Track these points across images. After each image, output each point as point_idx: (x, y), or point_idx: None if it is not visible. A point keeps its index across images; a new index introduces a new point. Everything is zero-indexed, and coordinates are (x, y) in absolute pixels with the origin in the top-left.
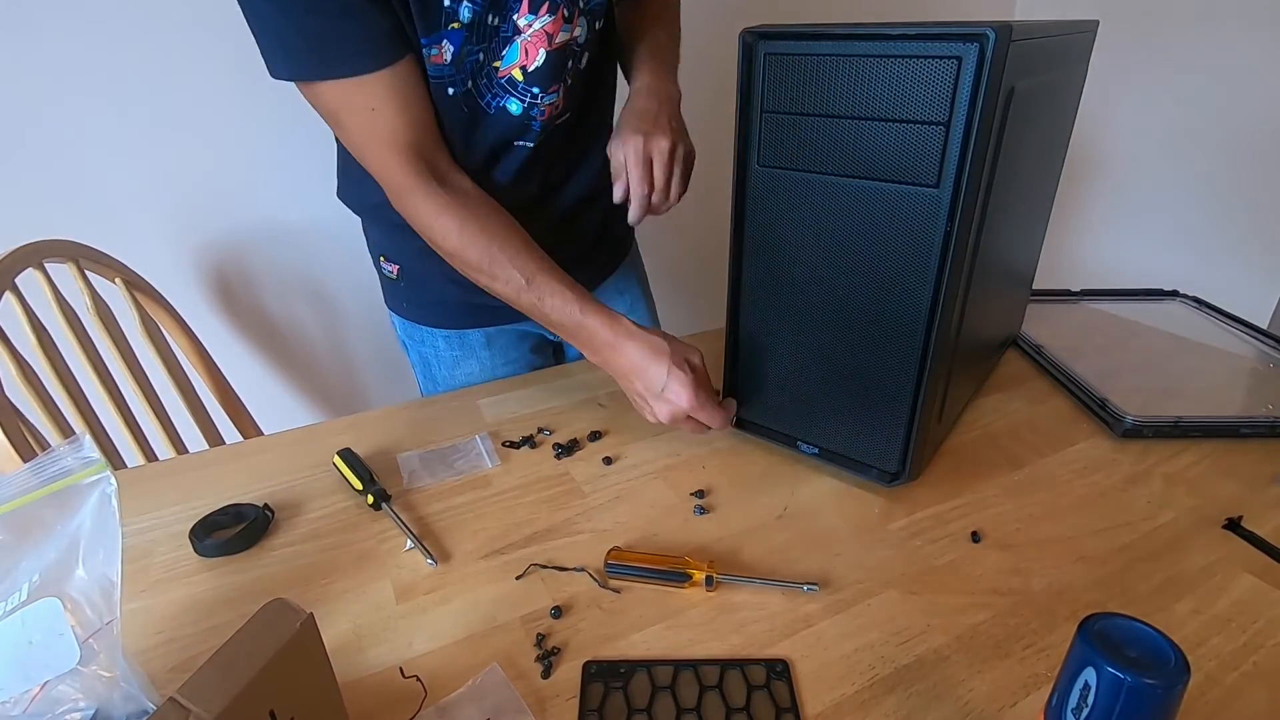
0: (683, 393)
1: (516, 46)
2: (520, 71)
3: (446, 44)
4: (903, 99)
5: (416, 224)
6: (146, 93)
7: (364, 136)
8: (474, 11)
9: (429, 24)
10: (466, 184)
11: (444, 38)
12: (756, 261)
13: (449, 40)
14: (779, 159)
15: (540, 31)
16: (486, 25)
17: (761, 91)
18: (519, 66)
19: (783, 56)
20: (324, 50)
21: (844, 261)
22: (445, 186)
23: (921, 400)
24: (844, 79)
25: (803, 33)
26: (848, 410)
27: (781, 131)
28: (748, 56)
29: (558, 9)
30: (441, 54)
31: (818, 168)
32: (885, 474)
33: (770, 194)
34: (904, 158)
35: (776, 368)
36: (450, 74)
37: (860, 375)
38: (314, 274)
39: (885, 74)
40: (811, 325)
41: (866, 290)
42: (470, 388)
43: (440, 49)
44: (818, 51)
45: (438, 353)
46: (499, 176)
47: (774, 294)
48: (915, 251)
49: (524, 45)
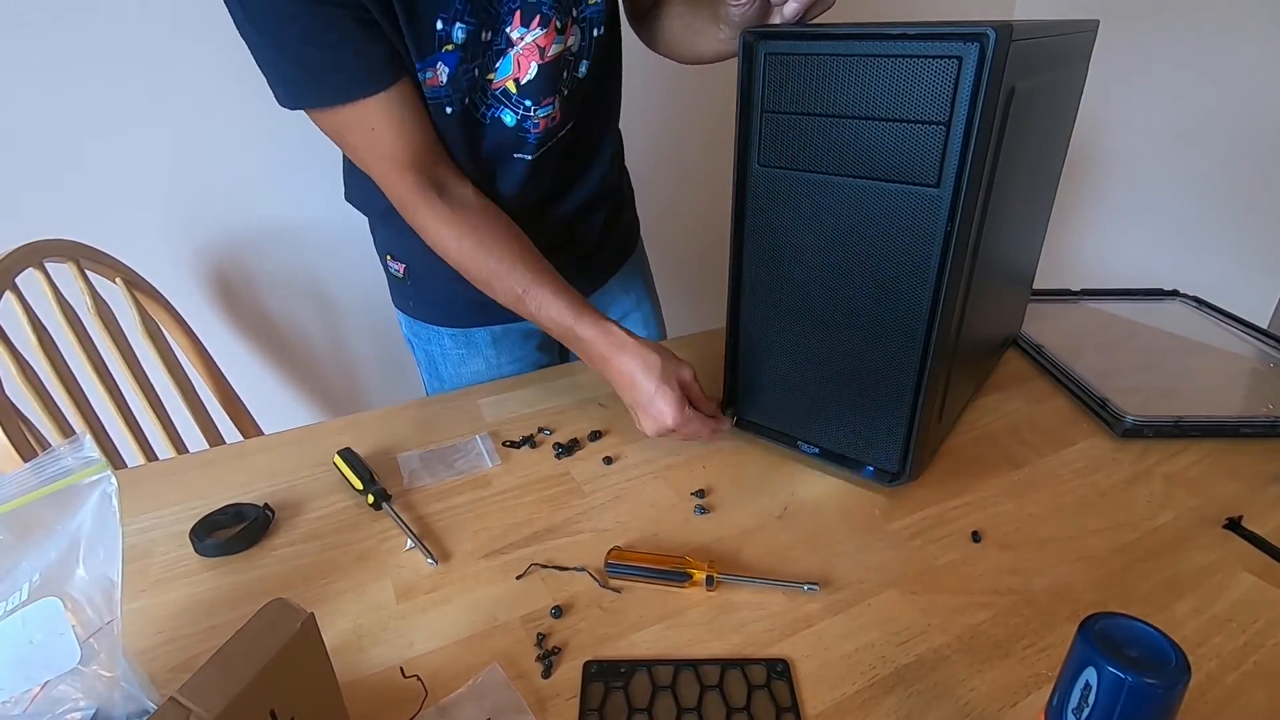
0: (667, 410)
1: (510, 59)
2: (514, 84)
3: (441, 66)
4: (903, 99)
5: (421, 234)
6: (147, 93)
7: (367, 154)
8: (468, 31)
9: (422, 48)
10: (469, 194)
11: (438, 60)
12: (756, 261)
13: (443, 62)
14: (779, 159)
15: (532, 45)
16: (480, 41)
17: (762, 91)
18: (512, 79)
19: (783, 56)
20: (321, 80)
21: (844, 261)
22: (446, 198)
23: (922, 399)
24: (844, 79)
25: (803, 33)
26: (848, 410)
27: (782, 131)
28: (748, 56)
29: (549, 21)
30: (437, 76)
31: (818, 167)
32: (886, 474)
33: (770, 194)
34: (904, 157)
35: (776, 367)
36: (446, 94)
37: (860, 375)
38: (314, 274)
39: (886, 74)
40: (811, 325)
41: (867, 290)
42: (471, 387)
43: (435, 71)
44: (818, 51)
45: (444, 351)
46: (501, 187)
47: (774, 294)
48: (916, 251)
49: (516, 58)
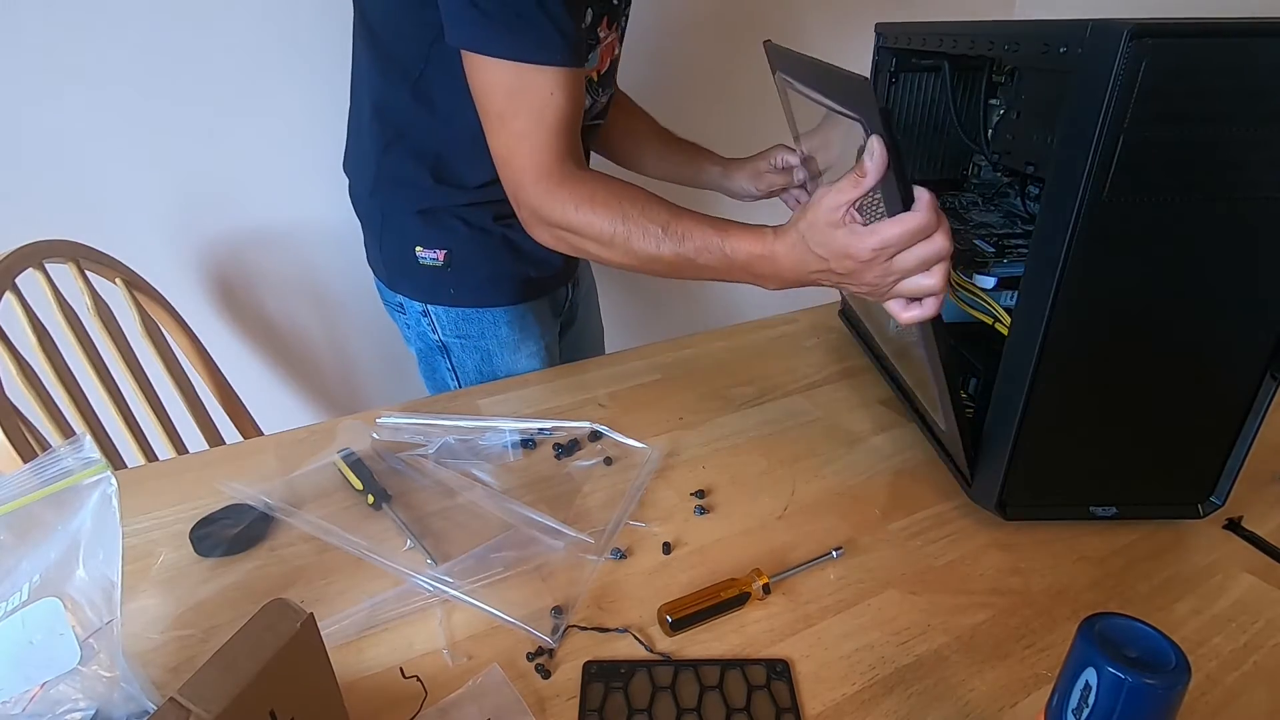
0: (868, 239)
1: (597, 53)
2: (596, 74)
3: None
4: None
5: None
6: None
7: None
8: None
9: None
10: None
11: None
12: (1072, 321)
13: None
14: (1138, 186)
15: (609, 43)
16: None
17: (1129, 104)
18: (595, 70)
19: (1167, 60)
20: (547, 39)
21: (1190, 302)
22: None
23: (1255, 428)
24: (1238, 83)
25: (1188, 29)
26: (1148, 458)
27: (1146, 153)
28: (1105, 60)
29: (613, 26)
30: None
31: (1195, 193)
32: (1193, 508)
33: (1117, 231)
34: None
35: (1068, 442)
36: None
37: (1173, 421)
38: (314, 274)
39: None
40: (1127, 380)
41: (1204, 330)
42: (471, 388)
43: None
44: (1208, 51)
45: (499, 338)
46: None
47: (1086, 357)
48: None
49: (601, 52)
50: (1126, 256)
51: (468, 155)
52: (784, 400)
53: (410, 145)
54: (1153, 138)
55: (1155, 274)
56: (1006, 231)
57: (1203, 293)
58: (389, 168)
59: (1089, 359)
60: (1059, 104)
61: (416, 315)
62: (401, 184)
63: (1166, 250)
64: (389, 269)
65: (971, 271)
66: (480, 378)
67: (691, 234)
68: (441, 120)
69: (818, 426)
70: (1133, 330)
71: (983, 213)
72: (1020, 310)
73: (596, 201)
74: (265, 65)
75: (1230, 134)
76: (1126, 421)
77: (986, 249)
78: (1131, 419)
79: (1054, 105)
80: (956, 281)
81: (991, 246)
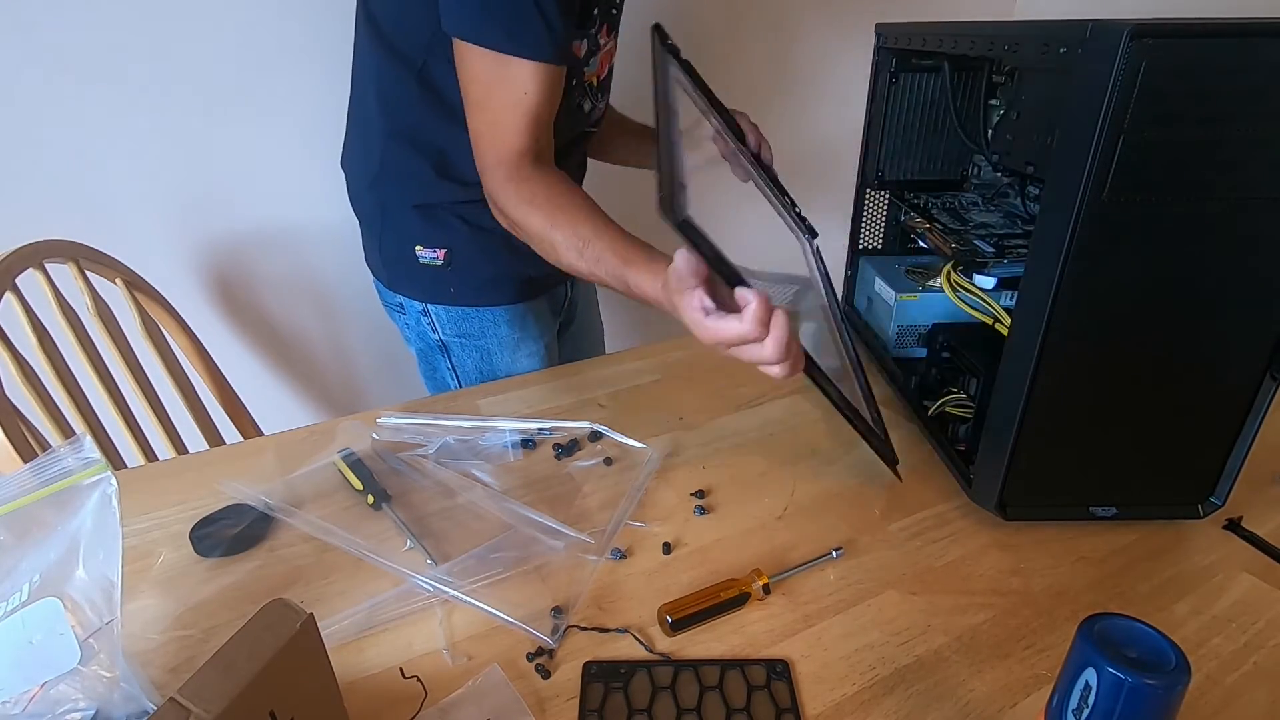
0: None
1: (597, 59)
2: (595, 79)
3: (584, 43)
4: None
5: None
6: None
7: (505, 111)
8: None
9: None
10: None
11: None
12: (1074, 321)
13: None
14: (1142, 186)
15: (607, 51)
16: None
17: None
18: (595, 75)
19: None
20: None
21: (1192, 302)
22: (545, 168)
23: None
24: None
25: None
26: (1148, 458)
27: (1146, 153)
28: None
29: (612, 34)
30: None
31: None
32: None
33: (1121, 232)
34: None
35: (1068, 442)
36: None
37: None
38: (314, 274)
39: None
40: (1126, 382)
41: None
42: (470, 388)
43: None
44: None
45: (499, 337)
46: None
47: (1087, 358)
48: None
49: (600, 58)
50: (1126, 257)
51: (469, 152)
52: (784, 400)
53: (414, 138)
54: (1153, 138)
55: (1155, 274)
56: (1006, 231)
57: (1202, 293)
58: (391, 159)
59: (1089, 359)
60: (1059, 104)
61: (416, 315)
62: (403, 176)
63: (1166, 250)
64: (389, 269)
65: (971, 271)
66: (480, 377)
67: (603, 259)
68: (446, 113)
69: (818, 427)
70: (1132, 330)
71: (983, 213)
72: (1020, 310)
73: (535, 204)
74: (265, 65)
75: (1230, 134)
76: (1126, 422)
77: (986, 249)
78: (1131, 419)
79: (1054, 105)
80: (957, 282)
81: (991, 246)
